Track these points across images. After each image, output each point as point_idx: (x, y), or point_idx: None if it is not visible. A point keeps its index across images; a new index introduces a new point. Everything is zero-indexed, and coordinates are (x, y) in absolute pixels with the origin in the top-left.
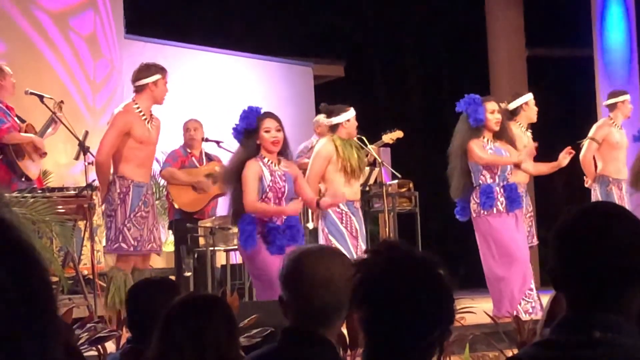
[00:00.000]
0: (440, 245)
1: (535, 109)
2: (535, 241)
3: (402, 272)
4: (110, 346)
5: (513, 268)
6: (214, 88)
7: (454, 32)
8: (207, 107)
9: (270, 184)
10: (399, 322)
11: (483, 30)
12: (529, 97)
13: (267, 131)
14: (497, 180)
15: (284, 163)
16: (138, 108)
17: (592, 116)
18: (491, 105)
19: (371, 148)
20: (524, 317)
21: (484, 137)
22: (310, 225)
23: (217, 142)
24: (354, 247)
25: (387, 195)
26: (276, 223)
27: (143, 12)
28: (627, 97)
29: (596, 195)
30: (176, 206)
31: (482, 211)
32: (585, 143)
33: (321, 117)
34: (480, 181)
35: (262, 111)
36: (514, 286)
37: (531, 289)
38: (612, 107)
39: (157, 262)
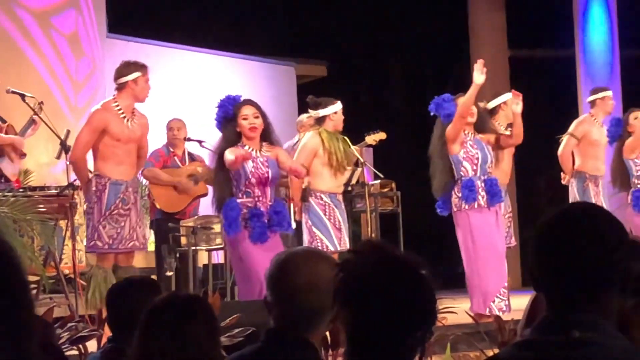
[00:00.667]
0: (422, 245)
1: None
2: (513, 242)
3: (384, 273)
4: (92, 345)
5: (489, 265)
6: (197, 88)
7: (437, 33)
8: (190, 107)
9: (253, 170)
10: (381, 322)
11: (466, 31)
12: (507, 96)
13: (244, 118)
14: (478, 174)
15: (266, 148)
16: (117, 106)
17: (573, 116)
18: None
19: (354, 149)
20: (497, 314)
21: (464, 130)
22: (293, 225)
23: (200, 142)
24: (338, 239)
25: (370, 195)
26: (260, 209)
27: (125, 11)
28: (607, 93)
29: (573, 191)
30: (157, 206)
31: (463, 205)
32: (565, 138)
33: (304, 117)
34: (462, 173)
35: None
36: (489, 283)
37: (506, 287)
38: (592, 104)
39: (139, 262)
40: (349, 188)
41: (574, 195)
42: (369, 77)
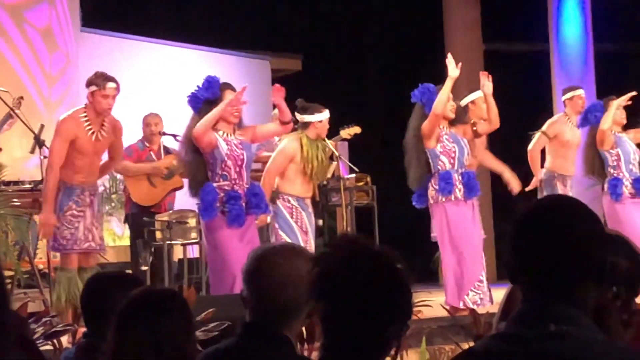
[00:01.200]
0: (398, 238)
1: (484, 106)
2: (483, 234)
3: (359, 267)
4: (67, 340)
5: (465, 258)
6: (171, 82)
7: (412, 26)
8: (164, 101)
9: (228, 152)
10: (357, 316)
11: (440, 25)
12: (476, 94)
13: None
14: (455, 167)
15: (239, 132)
16: (85, 117)
17: (548, 110)
18: None
19: (329, 143)
20: (472, 307)
21: (439, 125)
22: (268, 219)
23: (174, 136)
24: (304, 243)
25: (345, 189)
26: (237, 191)
27: (99, 5)
28: (576, 92)
29: (541, 188)
30: (133, 199)
31: (440, 197)
32: (536, 135)
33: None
34: (439, 167)
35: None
36: (463, 276)
37: (481, 281)
38: (565, 104)
39: (113, 256)
40: (325, 182)
41: (541, 193)
42: (344, 71)
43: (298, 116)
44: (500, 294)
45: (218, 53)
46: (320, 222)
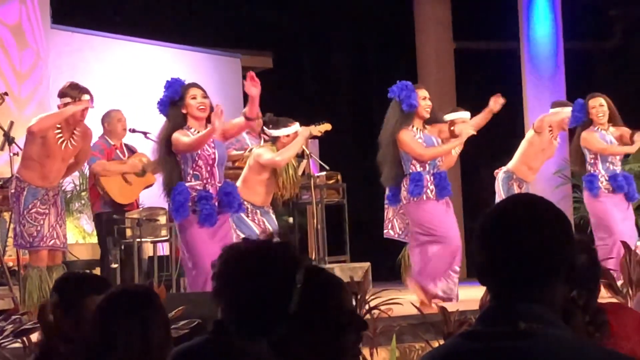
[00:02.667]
0: (369, 236)
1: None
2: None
3: (247, 267)
4: (36, 338)
5: (440, 249)
6: (141, 79)
7: (382, 25)
8: (134, 98)
9: (200, 152)
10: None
11: (411, 23)
12: (458, 115)
13: (193, 98)
14: (427, 169)
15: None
16: (58, 124)
17: (518, 108)
18: (422, 93)
19: None
20: (439, 294)
21: (413, 126)
22: None
23: (144, 133)
24: None
25: (315, 186)
26: (209, 191)
27: (69, 1)
28: (560, 110)
29: (498, 186)
30: (111, 198)
31: (411, 198)
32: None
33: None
34: (411, 170)
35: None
36: (439, 267)
37: (456, 272)
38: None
39: (83, 254)
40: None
41: (498, 191)
42: (314, 69)
43: (266, 130)
44: (469, 292)
45: (189, 50)
46: (291, 219)
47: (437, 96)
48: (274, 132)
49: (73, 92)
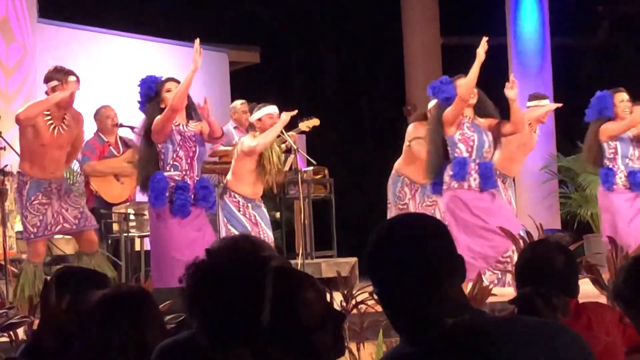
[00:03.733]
0: (356, 231)
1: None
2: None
3: (213, 282)
4: (22, 332)
5: (483, 241)
6: (129, 73)
7: (370, 20)
8: (122, 93)
9: (181, 143)
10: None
11: (398, 18)
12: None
13: (168, 91)
14: (473, 156)
15: (192, 124)
16: (47, 110)
17: (505, 103)
18: (460, 80)
19: (287, 135)
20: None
21: (463, 113)
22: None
23: (132, 128)
24: (256, 234)
25: (303, 181)
26: (187, 182)
27: None
28: (541, 102)
29: None
30: (102, 197)
31: (453, 183)
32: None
33: (237, 103)
34: (456, 154)
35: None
36: (483, 257)
37: (500, 262)
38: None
39: (71, 248)
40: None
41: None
42: (301, 64)
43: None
44: None
45: (175, 45)
46: (278, 214)
47: (424, 91)
48: (250, 118)
49: (58, 75)
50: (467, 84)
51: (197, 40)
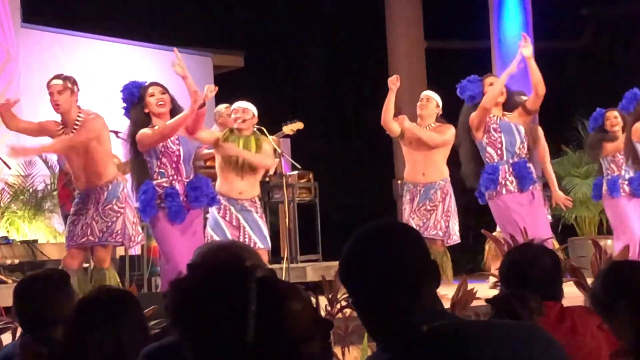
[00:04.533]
0: (341, 235)
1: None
2: (456, 239)
3: (196, 300)
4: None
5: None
6: (112, 78)
7: (354, 23)
8: (105, 97)
9: (162, 149)
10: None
11: (382, 22)
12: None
13: (151, 96)
14: (504, 158)
15: None
16: (58, 125)
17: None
18: (490, 79)
19: (271, 139)
20: None
21: (492, 114)
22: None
23: (116, 133)
24: (235, 237)
25: (287, 186)
26: (175, 187)
27: (40, 0)
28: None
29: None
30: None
31: (489, 193)
32: None
33: (222, 107)
34: (487, 159)
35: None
36: None
37: None
38: None
39: (55, 253)
40: (267, 179)
41: None
42: (286, 68)
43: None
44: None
45: (159, 49)
46: None
47: (408, 95)
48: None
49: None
50: (490, 95)
51: (175, 50)
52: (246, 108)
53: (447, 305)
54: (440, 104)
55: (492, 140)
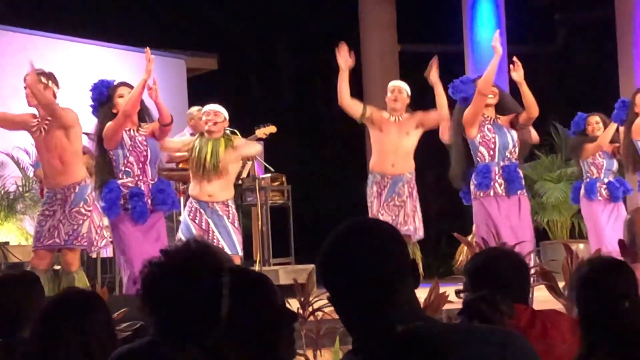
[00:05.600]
0: (313, 238)
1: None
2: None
3: (169, 282)
4: None
5: None
6: (86, 79)
7: (327, 26)
8: (78, 99)
9: (130, 148)
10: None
11: (356, 25)
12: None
13: (121, 96)
14: (496, 159)
15: (144, 128)
16: (35, 118)
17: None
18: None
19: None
20: None
21: (483, 114)
22: (182, 218)
23: (88, 135)
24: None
25: (260, 188)
26: (140, 188)
27: (12, 1)
28: None
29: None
30: None
31: (478, 193)
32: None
33: (194, 109)
34: (479, 159)
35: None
36: None
37: None
38: None
39: (26, 255)
40: (240, 181)
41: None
42: (259, 70)
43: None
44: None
45: (132, 51)
46: None
47: (382, 98)
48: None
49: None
50: (485, 79)
51: (147, 49)
52: (218, 111)
53: None
54: (410, 92)
55: (485, 140)
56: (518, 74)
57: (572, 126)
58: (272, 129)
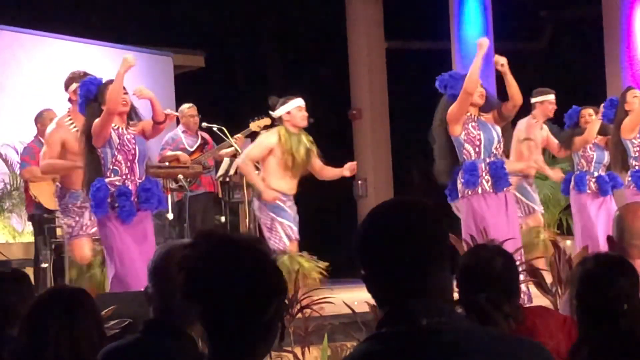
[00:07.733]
0: (303, 235)
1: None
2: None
3: (220, 258)
4: None
5: None
6: None
7: (314, 23)
8: (65, 96)
9: (119, 147)
10: (230, 308)
11: (343, 22)
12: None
13: None
14: (482, 156)
15: (132, 126)
16: (70, 120)
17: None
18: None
19: (232, 140)
20: None
21: (469, 112)
22: (170, 216)
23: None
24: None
25: (248, 185)
26: (128, 187)
27: None
28: (547, 97)
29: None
30: (39, 201)
31: (466, 191)
32: (524, 145)
33: (185, 107)
34: (464, 157)
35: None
36: None
37: None
38: (533, 106)
39: (14, 253)
40: (227, 179)
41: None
42: (246, 67)
43: (272, 114)
44: None
45: (119, 49)
46: (223, 218)
47: (368, 95)
48: (276, 114)
49: (66, 81)
50: (470, 77)
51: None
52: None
53: None
54: None
55: (470, 137)
56: (503, 67)
57: (565, 119)
58: (266, 121)
